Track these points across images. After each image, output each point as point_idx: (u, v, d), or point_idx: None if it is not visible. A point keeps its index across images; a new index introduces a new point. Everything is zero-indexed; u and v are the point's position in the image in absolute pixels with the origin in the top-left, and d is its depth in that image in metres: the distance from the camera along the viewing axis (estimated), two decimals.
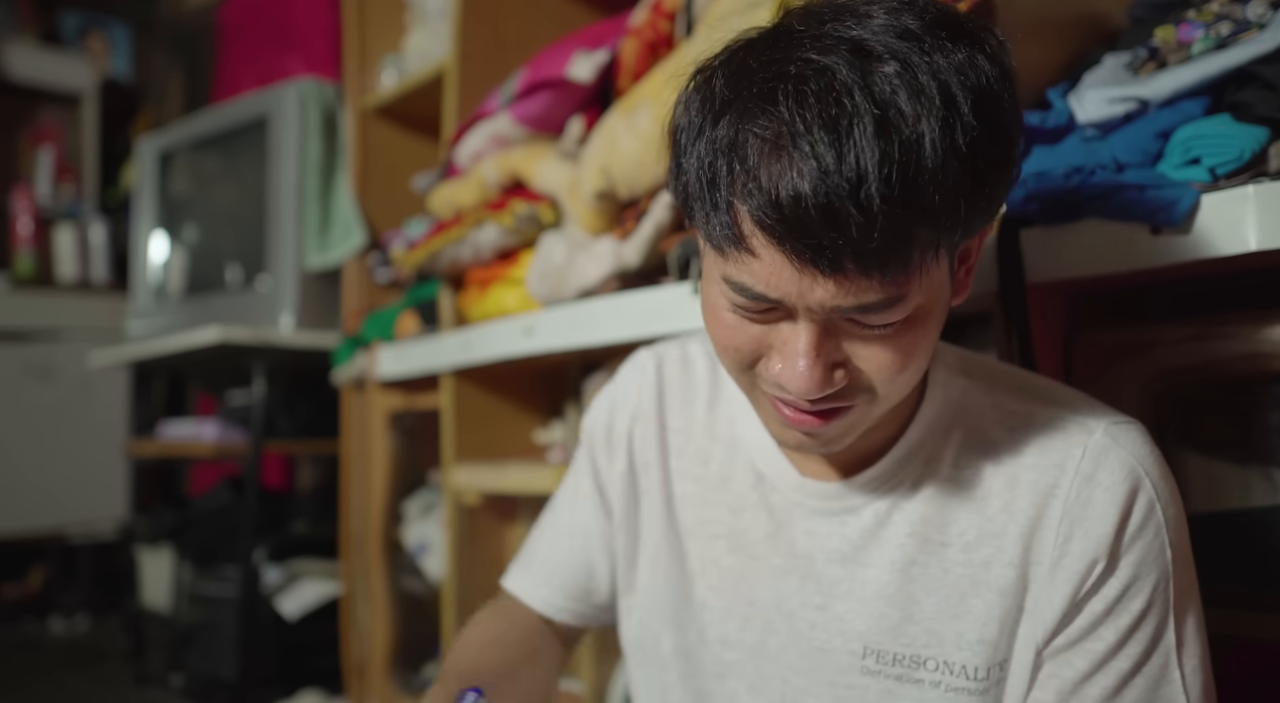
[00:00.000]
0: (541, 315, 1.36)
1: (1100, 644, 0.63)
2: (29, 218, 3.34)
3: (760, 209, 0.52)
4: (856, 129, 0.50)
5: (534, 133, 1.44)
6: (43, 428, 3.18)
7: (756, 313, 0.58)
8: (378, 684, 1.98)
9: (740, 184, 0.53)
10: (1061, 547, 0.64)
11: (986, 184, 0.54)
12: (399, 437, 2.01)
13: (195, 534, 2.41)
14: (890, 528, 0.69)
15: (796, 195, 0.51)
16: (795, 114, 0.51)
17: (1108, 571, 0.63)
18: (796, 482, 0.73)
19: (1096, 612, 0.63)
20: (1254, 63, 0.79)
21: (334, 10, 2.47)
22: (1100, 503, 0.63)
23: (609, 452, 0.83)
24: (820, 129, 0.50)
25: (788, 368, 0.58)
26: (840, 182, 0.50)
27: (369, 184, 2.16)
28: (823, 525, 0.72)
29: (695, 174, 0.57)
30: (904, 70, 0.51)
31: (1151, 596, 0.63)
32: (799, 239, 0.52)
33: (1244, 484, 0.87)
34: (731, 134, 0.54)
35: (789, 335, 0.58)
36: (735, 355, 0.61)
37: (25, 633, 3.08)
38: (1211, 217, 0.76)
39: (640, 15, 1.27)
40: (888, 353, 0.58)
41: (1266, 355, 0.82)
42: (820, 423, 0.61)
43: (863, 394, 0.60)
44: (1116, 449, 0.64)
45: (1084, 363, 0.92)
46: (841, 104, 0.50)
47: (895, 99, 0.51)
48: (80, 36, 3.76)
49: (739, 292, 0.57)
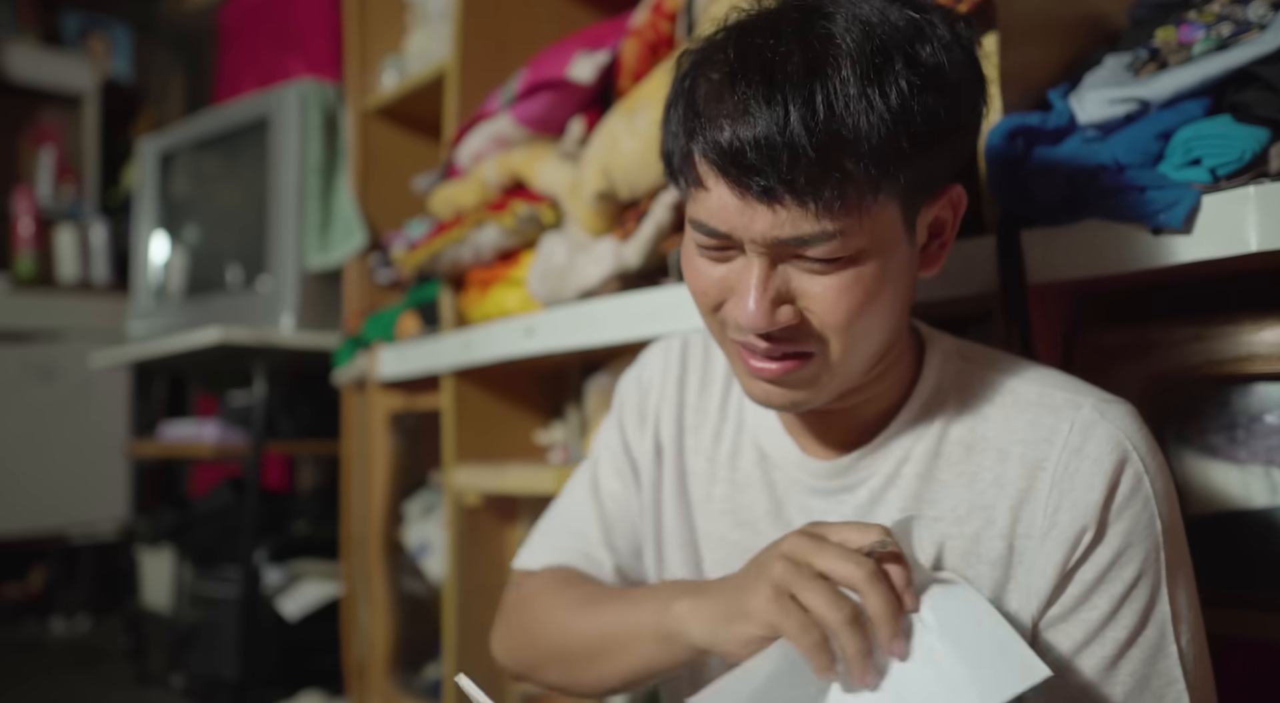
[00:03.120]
0: (542, 316, 1.36)
1: (1094, 614, 0.64)
2: (30, 218, 3.34)
3: (706, 146, 0.60)
4: (789, 68, 0.57)
5: (535, 133, 1.44)
6: (44, 428, 3.18)
7: (716, 252, 0.64)
8: (378, 685, 1.98)
9: (693, 126, 0.61)
10: (1051, 517, 0.65)
11: (921, 137, 0.58)
12: (400, 437, 2.01)
13: (196, 535, 2.41)
14: (885, 504, 0.71)
15: (733, 133, 0.58)
16: (738, 60, 0.59)
17: (1096, 538, 0.64)
18: (798, 459, 0.75)
19: (1088, 580, 0.64)
20: (1255, 63, 0.79)
21: (335, 11, 2.47)
22: (1087, 473, 0.65)
23: (640, 429, 0.86)
24: (756, 71, 0.58)
25: (739, 302, 0.63)
26: (770, 119, 0.56)
27: (370, 185, 2.16)
28: (819, 503, 0.74)
29: (671, 129, 0.65)
30: (845, 24, 0.58)
31: (1143, 565, 0.64)
32: (738, 172, 0.59)
33: (1244, 485, 0.87)
34: (690, 85, 0.63)
35: (741, 272, 0.63)
36: (704, 299, 0.67)
37: (26, 633, 3.08)
38: (1212, 217, 0.76)
39: (641, 16, 1.27)
40: (832, 293, 0.62)
41: (1266, 356, 0.82)
42: (778, 370, 0.65)
43: (815, 341, 0.64)
44: (1104, 424, 0.66)
45: (1084, 363, 0.92)
46: (778, 49, 0.58)
47: (829, 47, 0.57)
48: (81, 37, 3.76)
49: (698, 228, 0.64)
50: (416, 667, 1.99)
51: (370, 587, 2.02)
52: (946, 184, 0.66)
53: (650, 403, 0.85)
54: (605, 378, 1.52)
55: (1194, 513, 0.89)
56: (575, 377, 1.71)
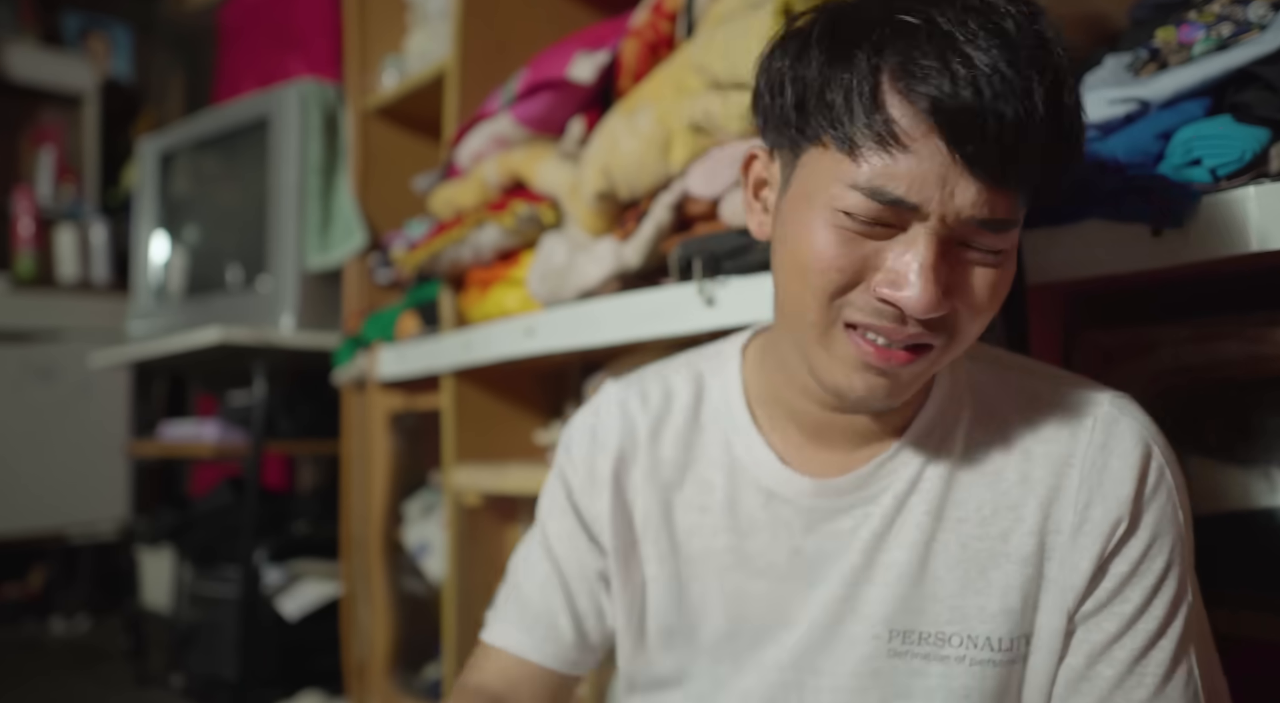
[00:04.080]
0: (542, 316, 1.36)
1: (1128, 606, 0.65)
2: (30, 218, 3.33)
3: (924, 92, 0.53)
4: (1022, 42, 0.54)
5: (535, 134, 1.44)
6: (44, 428, 3.18)
7: (871, 226, 0.57)
8: (378, 685, 1.98)
9: (904, 79, 0.54)
10: (1082, 513, 0.66)
11: (1078, 145, 0.58)
12: (400, 437, 2.01)
13: (196, 535, 2.41)
14: (909, 510, 0.70)
15: (974, 89, 0.52)
16: (960, 19, 0.54)
17: (1130, 530, 0.65)
18: (810, 487, 0.71)
19: (1122, 573, 0.65)
20: (1255, 64, 0.79)
21: (335, 11, 2.47)
22: (1116, 468, 0.65)
23: (591, 492, 0.79)
24: (987, 35, 0.53)
25: (904, 284, 0.57)
26: (1012, 84, 0.52)
27: (370, 185, 2.16)
28: (847, 522, 0.71)
29: (816, 71, 0.58)
30: (1035, 25, 0.56)
31: (1170, 555, 0.65)
32: (964, 134, 0.53)
33: (1244, 485, 0.87)
34: (886, 34, 0.55)
35: (905, 250, 0.57)
36: (836, 277, 0.59)
37: (26, 633, 3.08)
38: (1212, 218, 0.76)
39: (641, 16, 1.27)
40: (988, 287, 0.59)
41: (1266, 357, 0.82)
42: (904, 359, 0.60)
43: (944, 334, 0.61)
44: (1125, 419, 0.67)
45: (1084, 363, 0.92)
46: (1003, 19, 0.54)
47: (1039, 33, 0.55)
48: (81, 37, 3.76)
49: (872, 196, 0.56)
50: (416, 667, 1.99)
51: (370, 587, 2.02)
52: None
53: (603, 468, 0.78)
54: (605, 378, 1.52)
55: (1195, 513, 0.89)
56: (575, 377, 1.71)
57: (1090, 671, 0.66)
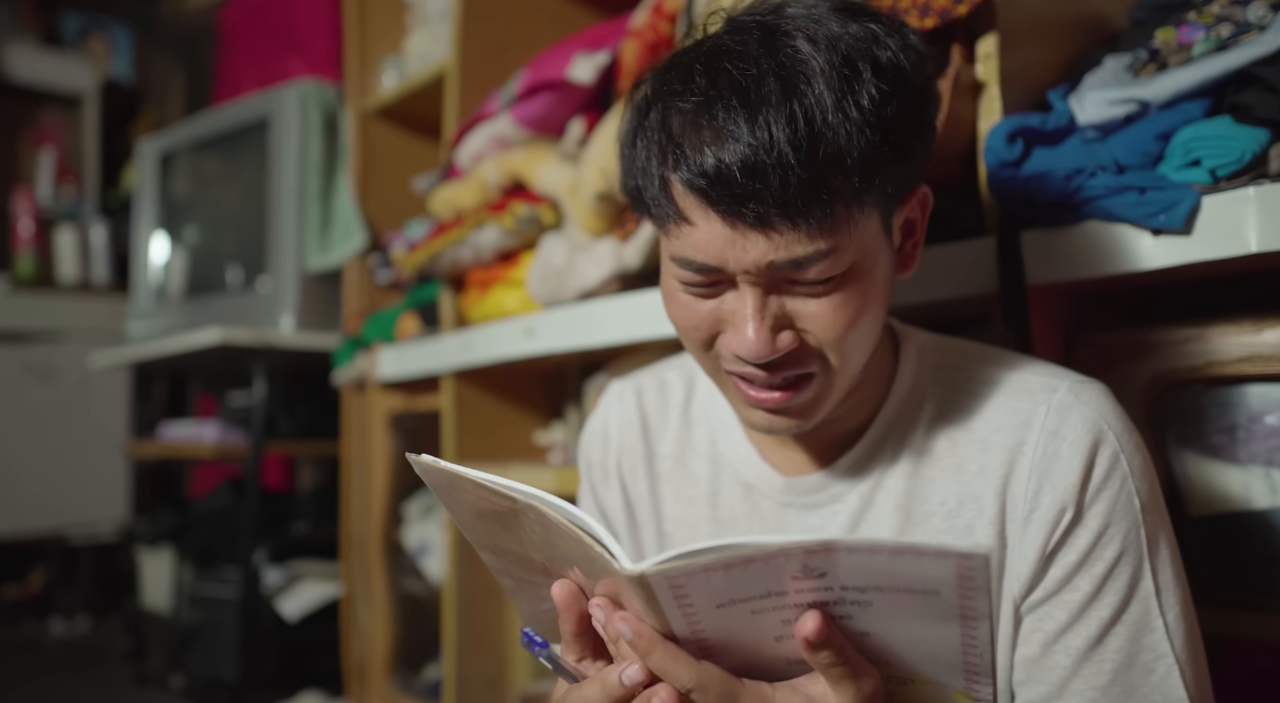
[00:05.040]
0: (542, 317, 1.36)
1: (1077, 595, 0.65)
2: (30, 219, 3.34)
3: (689, 177, 0.58)
4: (764, 90, 0.56)
5: (535, 134, 1.44)
6: (44, 429, 3.18)
7: (703, 288, 0.63)
8: (378, 686, 1.98)
9: (671, 157, 0.60)
10: (1032, 501, 0.66)
11: (896, 142, 0.59)
12: (399, 438, 2.01)
13: (196, 535, 2.41)
14: (875, 508, 0.71)
15: (718, 159, 0.57)
16: (710, 87, 0.58)
17: (1075, 520, 0.64)
18: (781, 484, 0.74)
19: (1070, 563, 0.65)
20: (1255, 64, 0.79)
21: (335, 12, 2.47)
22: (1065, 456, 0.65)
23: (606, 486, 0.85)
24: (733, 96, 0.57)
25: (737, 334, 0.62)
26: (755, 141, 0.56)
27: (370, 185, 2.16)
28: (815, 519, 0.73)
29: (639, 164, 0.63)
30: (808, 42, 0.58)
31: (1124, 544, 0.64)
32: (726, 199, 0.57)
33: (1244, 486, 0.87)
34: (660, 116, 0.61)
35: (735, 303, 0.62)
36: (695, 335, 0.65)
37: (26, 634, 3.08)
38: (1212, 219, 0.76)
39: (641, 17, 1.27)
40: (829, 311, 0.61)
41: (1267, 357, 0.82)
42: (782, 398, 0.64)
43: (816, 360, 0.64)
44: (1079, 405, 0.66)
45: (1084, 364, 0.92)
46: (750, 74, 0.57)
47: (799, 66, 0.57)
48: (81, 38, 3.76)
49: (684, 266, 0.62)
50: (416, 667, 1.99)
51: (370, 587, 2.02)
52: (916, 185, 0.67)
53: (611, 457, 0.85)
54: (605, 378, 1.52)
55: (1194, 514, 0.89)
56: (575, 377, 1.71)
57: (1047, 659, 0.65)
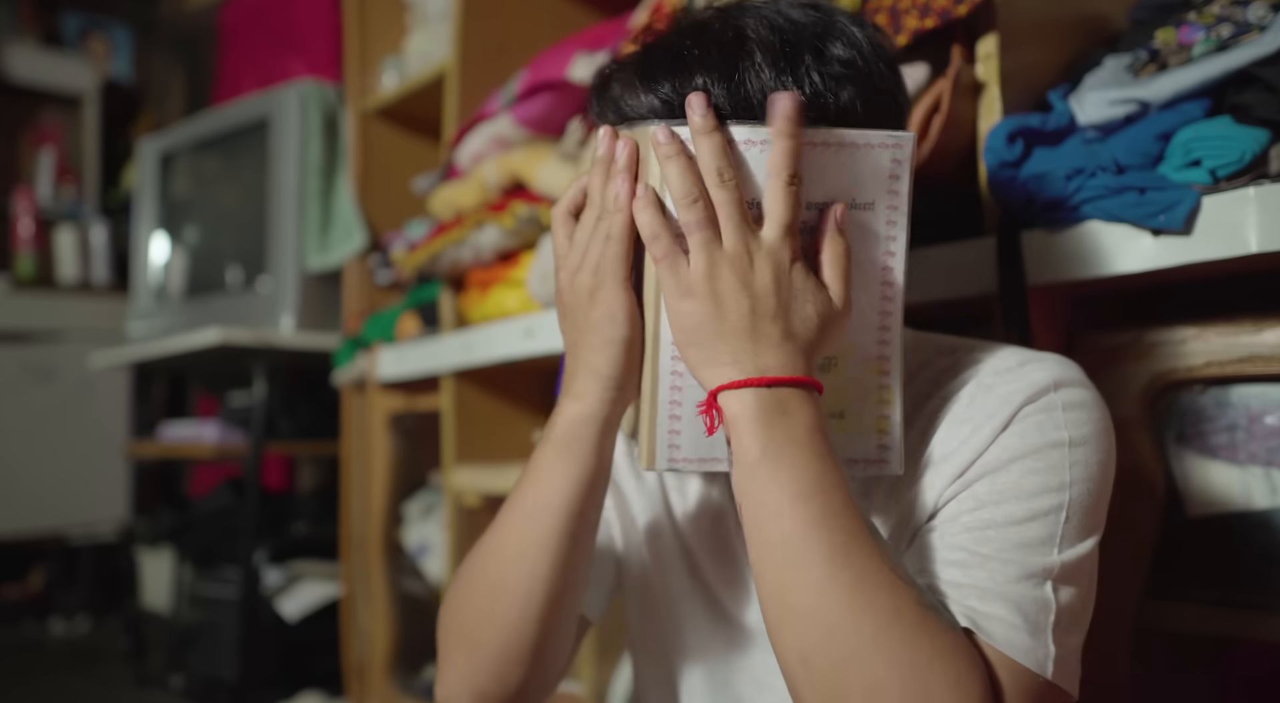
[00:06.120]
0: (542, 317, 1.36)
1: (980, 489, 0.61)
2: (30, 219, 3.34)
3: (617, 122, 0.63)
4: (703, 53, 0.60)
5: (535, 134, 1.44)
6: (43, 429, 3.18)
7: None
8: (378, 686, 1.98)
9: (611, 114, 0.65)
10: (957, 446, 0.63)
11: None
12: (399, 438, 2.01)
13: (196, 536, 2.41)
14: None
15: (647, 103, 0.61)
16: (653, 49, 0.63)
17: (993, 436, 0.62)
18: None
19: (978, 473, 0.62)
20: (1255, 65, 0.79)
21: (335, 12, 2.47)
22: (992, 403, 0.63)
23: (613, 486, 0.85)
24: (667, 57, 0.61)
25: None
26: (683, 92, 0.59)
27: (370, 185, 2.16)
28: None
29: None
30: (756, 23, 0.61)
31: (1046, 476, 0.60)
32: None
33: (1244, 486, 0.87)
34: (603, 86, 0.66)
35: None
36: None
37: (26, 634, 3.08)
38: (1212, 219, 0.76)
39: (641, 17, 1.27)
40: None
41: (1267, 357, 0.82)
42: None
43: None
44: (1019, 369, 0.64)
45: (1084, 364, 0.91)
46: (692, 48, 0.61)
47: (744, 42, 0.60)
48: (81, 38, 3.76)
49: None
50: (416, 668, 1.99)
51: (370, 588, 2.02)
52: None
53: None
54: None
55: (1194, 514, 0.89)
56: None
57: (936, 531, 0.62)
